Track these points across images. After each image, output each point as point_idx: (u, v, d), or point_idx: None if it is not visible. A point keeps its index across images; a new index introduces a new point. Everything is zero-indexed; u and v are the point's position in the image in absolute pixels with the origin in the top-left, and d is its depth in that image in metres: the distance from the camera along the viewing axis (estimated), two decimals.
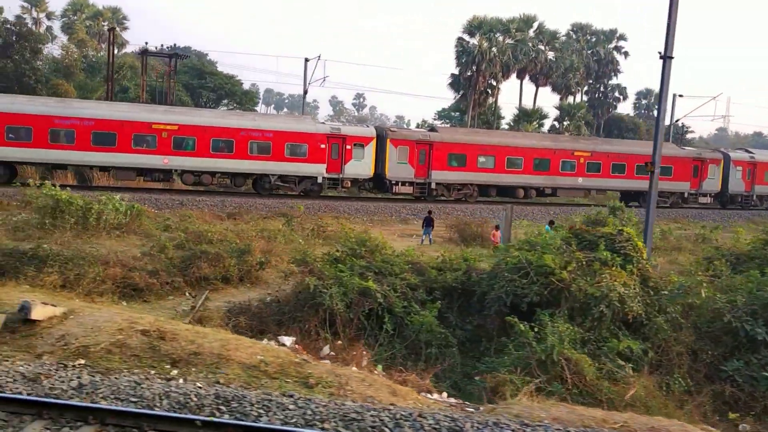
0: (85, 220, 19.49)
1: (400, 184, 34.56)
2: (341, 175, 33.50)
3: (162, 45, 49.81)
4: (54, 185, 20.45)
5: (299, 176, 33.07)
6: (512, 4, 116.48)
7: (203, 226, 20.93)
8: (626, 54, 71.85)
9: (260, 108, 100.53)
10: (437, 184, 35.14)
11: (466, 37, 56.71)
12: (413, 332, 13.14)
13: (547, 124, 61.45)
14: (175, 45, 44.25)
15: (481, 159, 35.75)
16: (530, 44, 58.35)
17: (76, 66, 52.26)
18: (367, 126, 34.59)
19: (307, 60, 48.08)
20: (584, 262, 14.26)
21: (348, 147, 33.38)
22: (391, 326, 13.30)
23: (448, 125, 60.30)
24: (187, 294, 15.35)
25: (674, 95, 53.29)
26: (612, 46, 71.57)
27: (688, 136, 71.96)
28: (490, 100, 61.02)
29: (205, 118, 32.28)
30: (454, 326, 14.12)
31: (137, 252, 17.35)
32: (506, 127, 62.81)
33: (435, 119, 72.85)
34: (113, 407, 7.45)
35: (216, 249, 16.81)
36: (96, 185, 33.07)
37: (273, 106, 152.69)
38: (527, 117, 57.99)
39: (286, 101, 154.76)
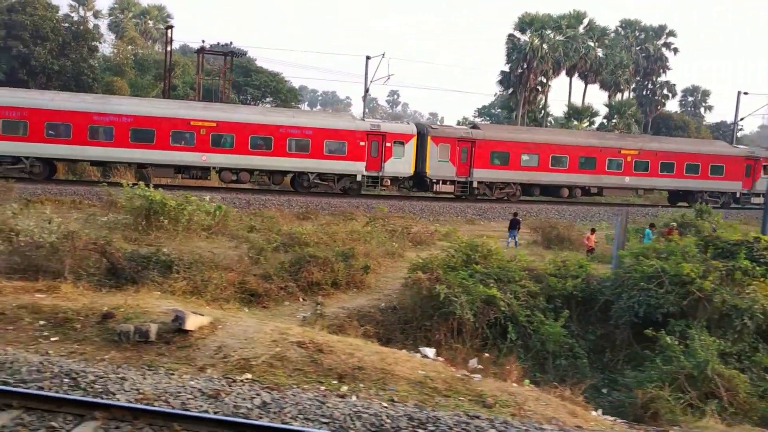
0: (176, 221, 19.14)
1: (441, 182, 33.60)
2: (381, 173, 32.69)
3: (207, 42, 49.23)
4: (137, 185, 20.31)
5: (338, 174, 32.38)
6: (557, 2, 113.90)
7: (295, 227, 20.14)
8: (675, 50, 69.48)
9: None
10: (479, 182, 34.06)
11: (517, 34, 55.35)
12: (538, 342, 12.72)
13: (597, 121, 59.52)
14: (230, 43, 43.36)
15: (525, 157, 34.53)
16: (580, 41, 56.60)
17: (127, 64, 52.53)
18: (407, 123, 33.69)
19: (368, 58, 46.78)
20: (723, 272, 13.64)
21: (388, 144, 32.56)
22: (515, 336, 12.88)
23: (488, 122, 58.96)
24: (301, 300, 14.84)
25: (739, 93, 51.09)
26: (661, 42, 69.23)
27: (739, 134, 69.25)
28: (540, 97, 59.40)
29: (244, 115, 31.83)
30: (576, 336, 13.51)
31: (232, 254, 16.97)
32: (555, 125, 61.07)
33: (475, 117, 71.43)
34: None
35: (320, 252, 16.19)
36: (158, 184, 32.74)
37: (306, 103, 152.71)
38: (577, 114, 56.26)
39: (319, 98, 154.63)
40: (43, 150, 29.48)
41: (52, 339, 9.78)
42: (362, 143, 32.28)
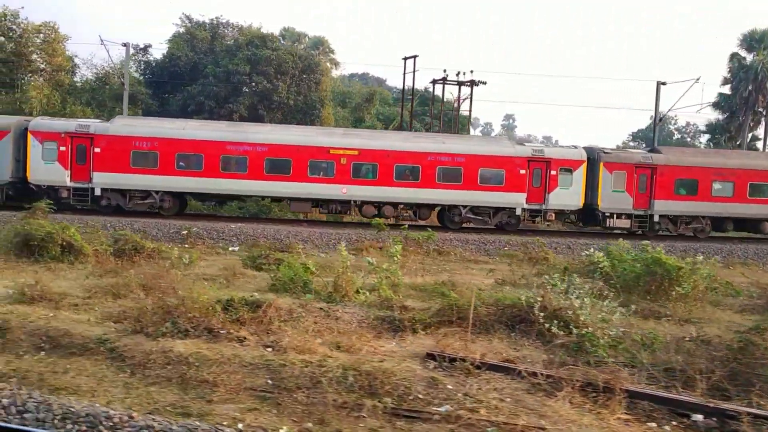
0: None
1: (615, 216, 28.48)
2: (545, 206, 28.05)
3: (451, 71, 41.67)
4: None
5: (494, 207, 28.03)
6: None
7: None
8: None
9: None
10: (661, 216, 28.66)
11: (742, 53, 49.30)
12: None
13: None
14: (471, 71, 39.14)
15: (717, 185, 28.79)
16: None
17: (327, 97, 50.05)
18: (575, 147, 29.01)
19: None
20: None
21: (553, 172, 27.92)
22: None
23: (645, 148, 52.34)
24: None
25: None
26: None
27: None
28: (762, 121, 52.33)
29: (388, 142, 28.17)
30: None
31: None
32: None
33: (629, 141, 65.04)
34: None
35: None
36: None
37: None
38: None
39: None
40: (174, 183, 27.02)
41: None
42: (522, 171, 27.82)
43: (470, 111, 42.49)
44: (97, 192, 26.95)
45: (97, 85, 41.58)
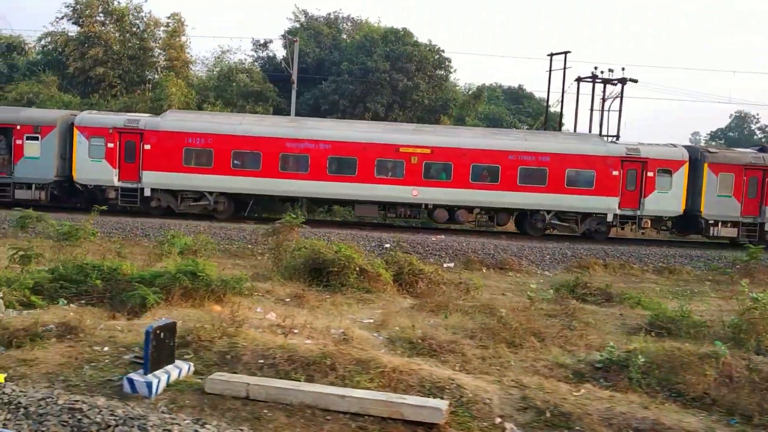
0: None
1: (720, 224, 25.19)
2: (639, 212, 24.93)
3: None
4: None
5: (582, 212, 25.02)
6: None
7: None
8: None
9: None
10: None
11: None
12: None
13: None
14: (623, 69, 35.44)
15: None
16: None
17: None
18: (674, 146, 25.77)
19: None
20: None
21: (650, 174, 24.78)
22: None
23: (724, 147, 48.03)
24: None
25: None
26: None
27: None
28: None
29: (464, 139, 25.38)
30: None
31: None
32: None
33: (708, 140, 60.79)
34: None
35: None
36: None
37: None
38: None
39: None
40: (229, 184, 24.73)
41: None
42: (615, 173, 24.74)
43: (620, 111, 36.65)
44: (147, 192, 24.80)
45: (220, 83, 38.66)
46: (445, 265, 19.88)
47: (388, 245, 20.92)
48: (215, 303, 11.19)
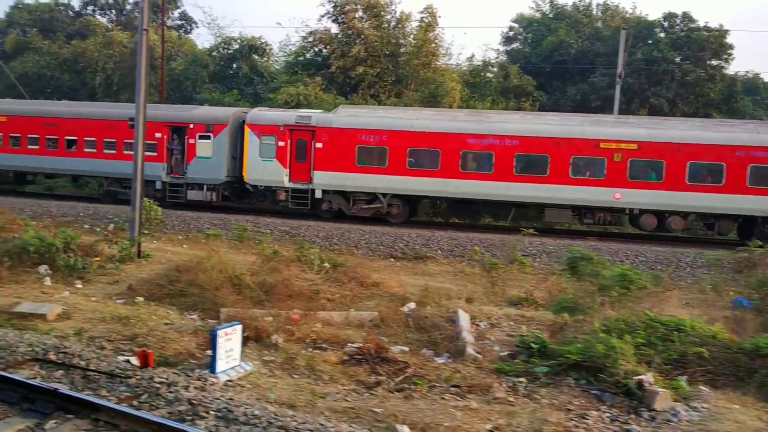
0: None
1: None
2: None
3: None
4: None
5: None
6: None
7: None
8: None
9: None
10: None
11: None
12: None
13: None
14: None
15: None
16: None
17: None
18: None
19: None
20: None
21: None
22: None
23: None
24: None
25: None
26: None
27: None
28: None
29: (678, 132, 21.46)
30: None
31: None
32: None
33: None
34: None
35: None
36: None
37: None
38: None
39: None
40: (405, 184, 22.58)
41: None
42: None
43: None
44: (318, 194, 23.24)
45: (474, 78, 36.89)
46: None
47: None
48: None
